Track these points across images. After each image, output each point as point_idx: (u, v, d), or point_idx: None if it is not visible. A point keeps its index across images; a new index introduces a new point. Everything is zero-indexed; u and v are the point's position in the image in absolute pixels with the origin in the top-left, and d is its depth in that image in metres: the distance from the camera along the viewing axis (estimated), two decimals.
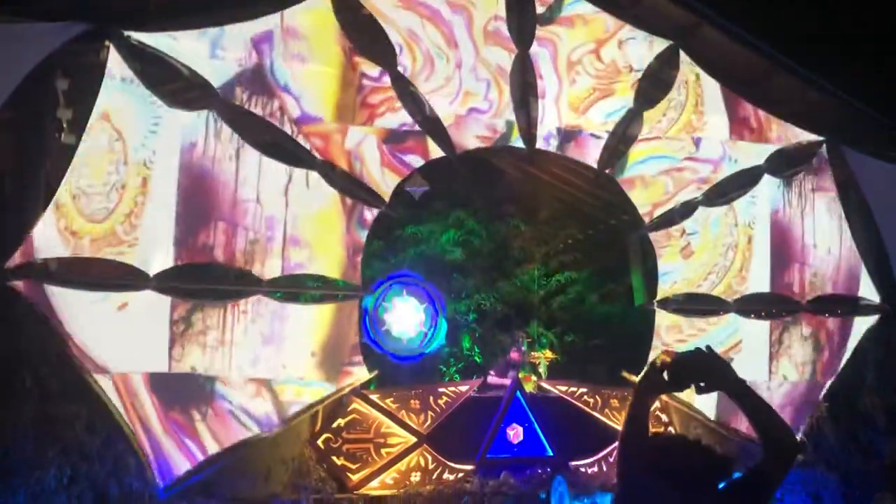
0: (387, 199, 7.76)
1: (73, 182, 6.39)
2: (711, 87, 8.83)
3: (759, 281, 8.99)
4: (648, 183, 8.83)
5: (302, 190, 7.38)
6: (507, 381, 9.18)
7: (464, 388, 8.42)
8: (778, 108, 8.73)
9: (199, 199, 6.95)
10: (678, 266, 8.87)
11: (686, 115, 8.81)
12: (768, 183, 9.04)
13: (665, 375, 2.94)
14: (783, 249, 9.12)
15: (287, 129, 7.29)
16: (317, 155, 7.39)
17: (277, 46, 7.27)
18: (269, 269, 7.19)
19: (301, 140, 7.35)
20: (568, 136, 8.51)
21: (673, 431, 8.28)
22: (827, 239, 9.15)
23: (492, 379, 9.40)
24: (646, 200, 8.80)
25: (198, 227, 6.93)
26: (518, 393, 8.47)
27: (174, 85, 6.69)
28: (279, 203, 7.27)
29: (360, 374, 7.64)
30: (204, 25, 6.83)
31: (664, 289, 8.79)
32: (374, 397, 7.84)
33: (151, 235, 6.70)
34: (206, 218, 6.97)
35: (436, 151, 7.99)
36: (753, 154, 9.02)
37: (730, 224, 8.97)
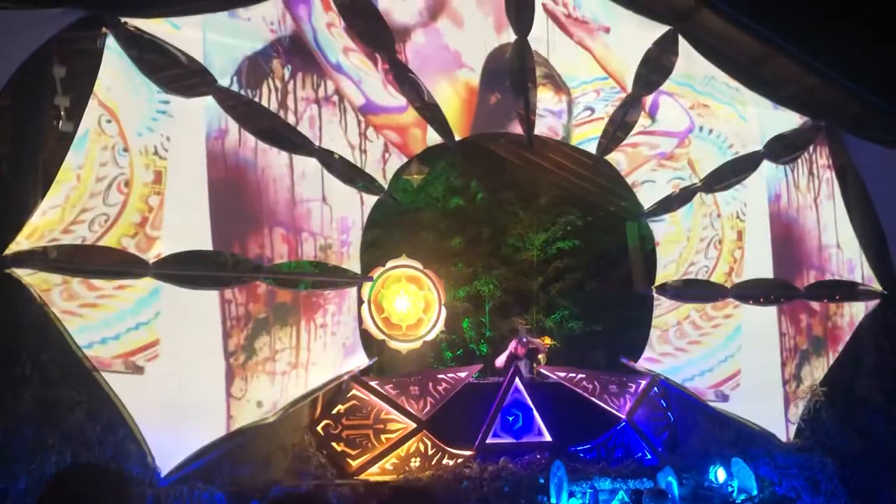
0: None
1: None
2: None
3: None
4: None
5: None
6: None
7: (463, 375, 8.43)
8: (776, 93, 8.69)
9: None
10: None
11: None
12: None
13: None
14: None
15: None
16: (315, 142, 7.35)
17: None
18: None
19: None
20: None
21: None
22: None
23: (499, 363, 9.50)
24: None
25: None
26: (517, 379, 8.50)
27: (172, 72, 6.65)
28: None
29: (360, 360, 7.65)
30: (204, 11, 6.76)
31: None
32: (373, 383, 7.86)
33: None
34: None
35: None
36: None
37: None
